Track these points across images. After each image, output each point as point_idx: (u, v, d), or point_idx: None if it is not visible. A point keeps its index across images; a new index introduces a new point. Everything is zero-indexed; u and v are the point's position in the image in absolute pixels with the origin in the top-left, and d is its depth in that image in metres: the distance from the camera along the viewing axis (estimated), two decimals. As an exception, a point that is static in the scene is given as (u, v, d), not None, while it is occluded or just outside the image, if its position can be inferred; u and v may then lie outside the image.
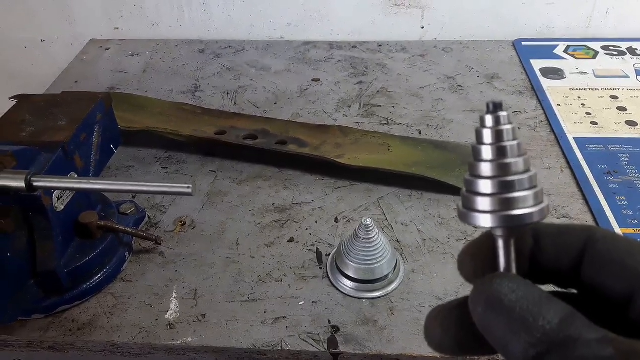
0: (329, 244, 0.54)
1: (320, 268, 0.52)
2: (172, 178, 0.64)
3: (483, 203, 0.19)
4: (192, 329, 0.46)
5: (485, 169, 0.20)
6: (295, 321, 0.47)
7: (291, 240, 0.55)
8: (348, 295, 0.49)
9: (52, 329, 0.46)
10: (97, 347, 0.46)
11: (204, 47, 0.92)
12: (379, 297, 0.48)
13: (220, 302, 0.48)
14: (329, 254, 0.53)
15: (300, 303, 0.48)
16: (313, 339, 0.45)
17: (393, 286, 0.49)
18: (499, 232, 0.20)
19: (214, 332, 0.46)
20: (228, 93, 0.79)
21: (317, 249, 0.54)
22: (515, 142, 0.20)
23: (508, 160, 0.19)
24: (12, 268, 0.42)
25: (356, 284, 0.49)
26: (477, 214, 0.20)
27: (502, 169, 0.19)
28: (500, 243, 0.20)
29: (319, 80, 0.81)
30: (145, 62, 0.88)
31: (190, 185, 0.35)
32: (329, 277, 0.50)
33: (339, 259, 0.50)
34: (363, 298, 0.48)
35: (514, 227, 0.20)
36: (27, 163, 0.42)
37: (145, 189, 0.36)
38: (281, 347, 0.45)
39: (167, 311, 0.47)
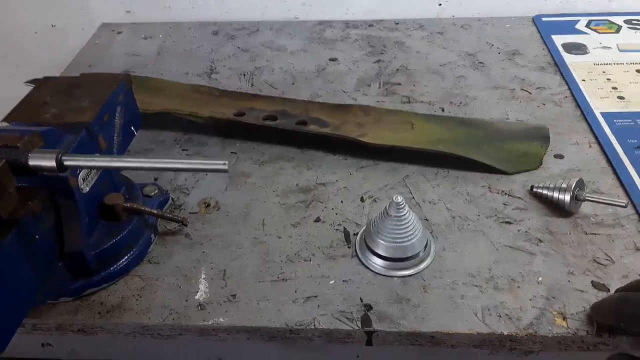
0: (356, 223, 0.53)
1: (349, 247, 0.51)
2: (193, 160, 0.63)
3: None
4: (223, 309, 0.45)
5: None
6: (327, 300, 0.46)
7: (317, 220, 0.54)
8: (379, 274, 0.48)
9: (80, 312, 0.46)
10: (127, 329, 0.45)
11: (218, 28, 0.90)
12: (411, 275, 0.48)
13: (250, 282, 0.48)
14: (357, 233, 0.52)
15: (330, 282, 0.48)
16: (346, 317, 0.44)
17: (425, 264, 0.48)
18: None
19: (245, 312, 0.45)
20: (244, 74, 0.78)
21: (345, 228, 0.53)
22: None
23: None
24: (41, 250, 0.42)
25: (387, 263, 0.48)
26: None
27: None
28: None
29: (337, 59, 0.80)
30: (159, 45, 0.87)
31: (226, 162, 0.34)
32: (358, 256, 0.50)
33: (368, 238, 0.49)
34: (394, 276, 0.48)
35: None
36: (53, 144, 0.41)
37: (180, 166, 0.35)
38: (314, 325, 0.44)
39: (197, 292, 0.47)
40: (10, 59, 1.03)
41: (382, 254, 0.48)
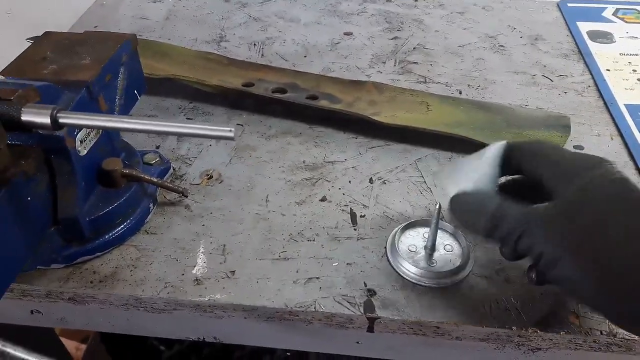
0: (363, 205, 0.51)
1: (355, 229, 0.49)
2: (198, 129, 0.60)
3: None
4: (220, 286, 0.43)
5: None
6: (330, 282, 0.44)
7: (323, 199, 0.52)
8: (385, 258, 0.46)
9: (72, 280, 0.44)
10: (120, 300, 0.44)
11: (230, -4, 0.87)
12: (419, 262, 0.45)
13: (250, 259, 0.46)
14: (363, 215, 0.50)
15: (334, 264, 0.45)
16: (348, 302, 0.42)
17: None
18: None
19: (243, 290, 0.43)
20: (255, 44, 0.75)
21: (351, 209, 0.51)
22: None
23: None
24: (32, 213, 0.40)
25: (394, 247, 0.46)
26: None
27: None
28: None
29: (352, 34, 0.77)
30: (168, 10, 0.84)
31: (232, 129, 0.31)
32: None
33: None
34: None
35: None
36: (50, 100, 0.39)
37: (183, 130, 0.32)
38: (314, 308, 0.42)
39: (194, 266, 0.45)
40: (14, 15, 0.99)
41: (390, 238, 0.46)
